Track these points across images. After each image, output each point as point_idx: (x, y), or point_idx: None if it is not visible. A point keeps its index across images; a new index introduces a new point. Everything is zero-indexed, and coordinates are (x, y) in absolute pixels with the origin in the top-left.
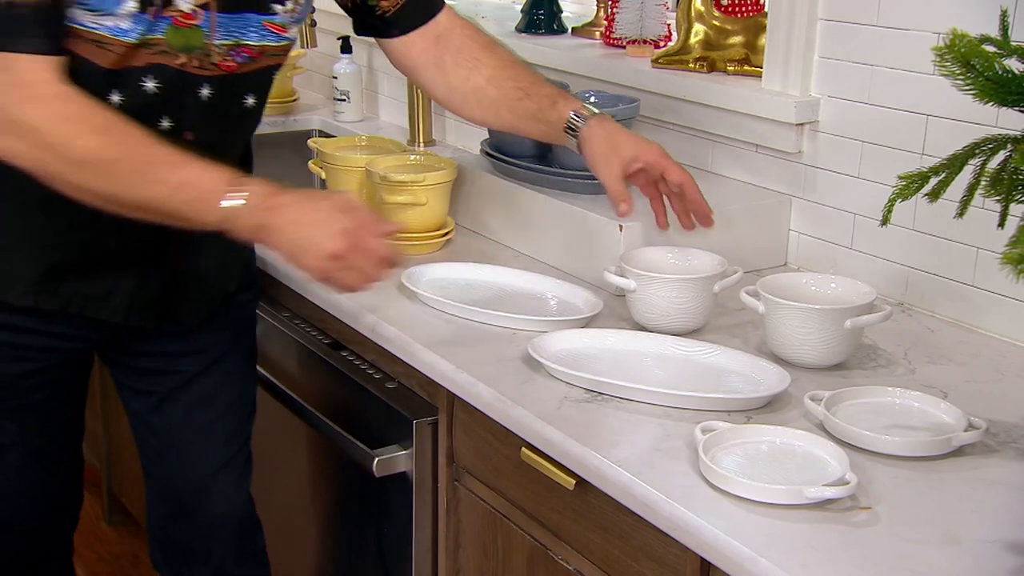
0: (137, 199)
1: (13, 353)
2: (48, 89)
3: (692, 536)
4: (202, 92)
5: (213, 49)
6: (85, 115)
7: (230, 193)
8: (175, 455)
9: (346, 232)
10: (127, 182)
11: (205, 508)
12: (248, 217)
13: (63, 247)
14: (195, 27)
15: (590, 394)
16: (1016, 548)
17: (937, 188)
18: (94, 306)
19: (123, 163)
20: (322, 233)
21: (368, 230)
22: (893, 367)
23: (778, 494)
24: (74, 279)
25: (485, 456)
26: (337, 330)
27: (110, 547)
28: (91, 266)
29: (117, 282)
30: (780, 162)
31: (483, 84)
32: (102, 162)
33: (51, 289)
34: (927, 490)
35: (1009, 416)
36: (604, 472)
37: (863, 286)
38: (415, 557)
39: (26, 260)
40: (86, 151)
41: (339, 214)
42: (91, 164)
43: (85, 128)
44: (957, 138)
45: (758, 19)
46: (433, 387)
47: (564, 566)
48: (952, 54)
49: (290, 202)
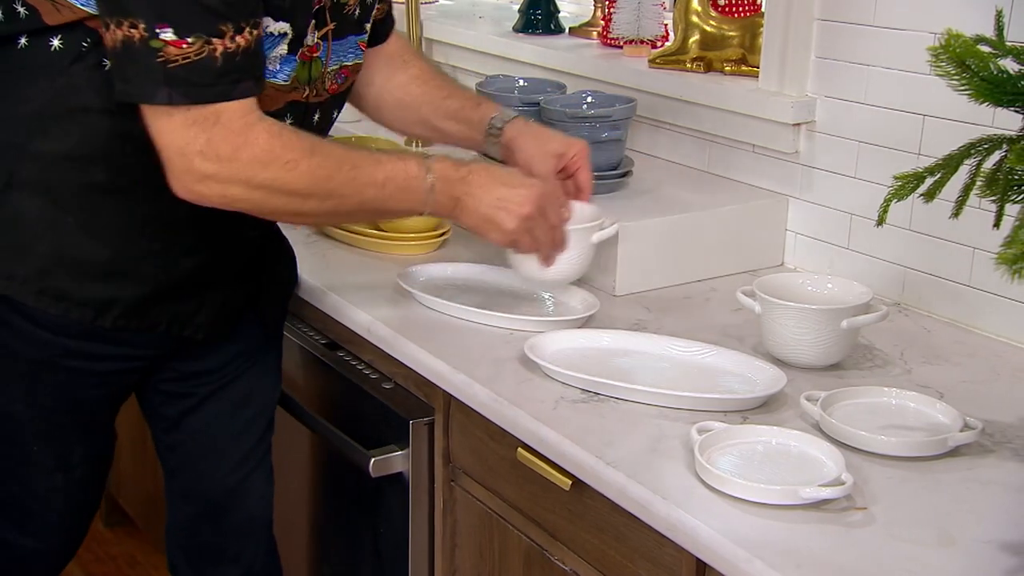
0: (353, 206)
1: (95, 380)
2: (259, 128)
3: (688, 537)
4: (315, 118)
5: (327, 76)
6: (294, 143)
7: (427, 175)
8: (214, 455)
9: (537, 194)
10: (341, 193)
11: (240, 508)
12: (445, 191)
13: (169, 273)
14: (316, 58)
15: (586, 394)
16: (1011, 548)
17: (933, 188)
18: (179, 324)
19: (335, 178)
20: (515, 194)
21: (553, 195)
22: (889, 367)
23: (773, 494)
24: (169, 301)
25: (481, 456)
26: (334, 330)
27: (107, 548)
28: (187, 286)
29: (205, 299)
30: (777, 162)
31: (407, 81)
32: (319, 182)
33: (143, 311)
34: (923, 490)
35: (1005, 416)
36: (600, 473)
37: (859, 286)
38: (411, 557)
39: (128, 287)
40: (302, 178)
41: (524, 178)
42: (310, 189)
43: (297, 155)
44: (954, 138)
45: (755, 19)
46: (429, 387)
47: (560, 567)
48: (947, 54)
49: (477, 169)
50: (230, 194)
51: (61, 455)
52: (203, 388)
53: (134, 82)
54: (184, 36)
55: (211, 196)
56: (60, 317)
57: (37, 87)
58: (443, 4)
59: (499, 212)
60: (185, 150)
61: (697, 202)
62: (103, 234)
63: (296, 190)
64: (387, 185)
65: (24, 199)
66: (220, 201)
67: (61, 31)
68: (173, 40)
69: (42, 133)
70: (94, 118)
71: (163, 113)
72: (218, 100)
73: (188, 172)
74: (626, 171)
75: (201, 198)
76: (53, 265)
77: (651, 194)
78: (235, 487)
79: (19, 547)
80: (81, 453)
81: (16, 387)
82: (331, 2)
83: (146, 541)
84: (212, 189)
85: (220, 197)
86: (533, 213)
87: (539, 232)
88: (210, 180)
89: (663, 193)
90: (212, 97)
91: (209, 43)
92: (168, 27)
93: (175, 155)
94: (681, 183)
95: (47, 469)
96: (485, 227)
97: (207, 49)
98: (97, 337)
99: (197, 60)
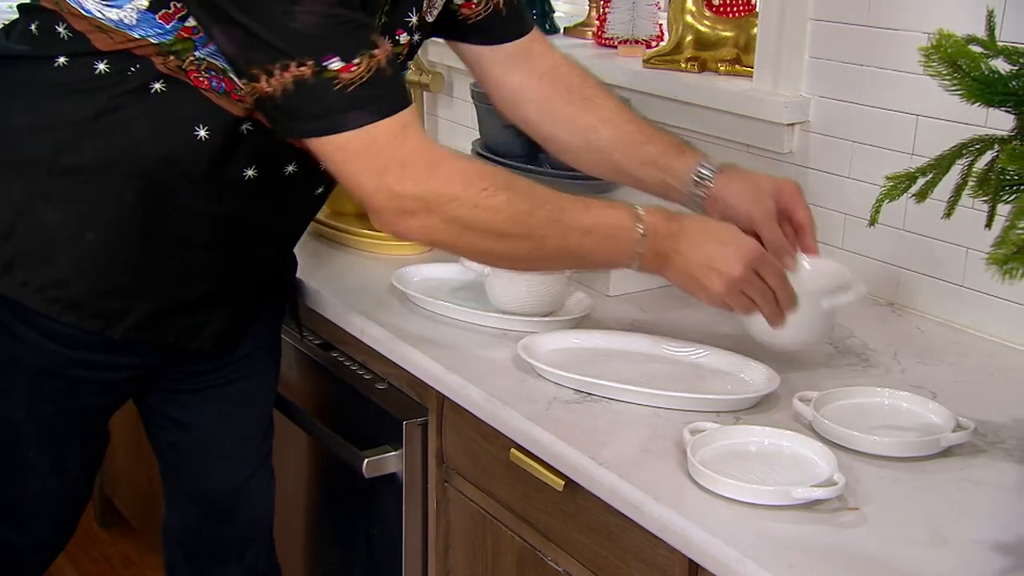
0: (552, 251)
1: (96, 389)
2: (439, 148)
3: (680, 537)
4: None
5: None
6: (487, 170)
7: (636, 226)
8: (217, 454)
9: (749, 254)
10: (542, 233)
11: (245, 508)
12: (654, 246)
13: (186, 287)
14: None
15: (579, 395)
16: (1004, 549)
17: (924, 189)
18: (187, 336)
19: (537, 215)
20: (726, 252)
21: (769, 254)
22: (883, 367)
23: (766, 495)
24: (180, 315)
25: (474, 457)
26: (327, 331)
27: (102, 548)
28: (200, 301)
29: (214, 312)
30: (771, 162)
31: (596, 123)
32: (520, 216)
33: (155, 324)
34: (915, 491)
35: (998, 416)
36: (592, 473)
37: (837, 264)
38: (405, 558)
39: (143, 301)
40: (501, 209)
41: (739, 235)
42: (508, 222)
43: (494, 181)
44: (947, 138)
45: (749, 19)
46: (423, 388)
47: (553, 567)
48: (939, 54)
49: (690, 225)
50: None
51: (57, 460)
52: (204, 386)
53: (318, 119)
54: (350, 60)
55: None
56: (70, 327)
57: (73, 103)
58: None
59: (708, 272)
60: (382, 180)
61: None
62: (124, 251)
63: (490, 223)
64: (594, 232)
65: (49, 210)
66: (422, 233)
67: (108, 56)
68: (342, 67)
69: (75, 148)
70: (133, 139)
71: (351, 149)
72: (403, 108)
73: (386, 208)
74: None
75: (405, 231)
76: (71, 277)
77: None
78: (239, 486)
79: (11, 545)
80: (77, 458)
81: (18, 394)
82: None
83: (141, 541)
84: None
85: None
86: (744, 275)
87: (753, 293)
88: (411, 215)
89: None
90: (398, 105)
91: (372, 57)
92: (334, 56)
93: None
94: None
95: (42, 473)
96: (692, 287)
97: (374, 64)
98: (103, 348)
99: (370, 77)
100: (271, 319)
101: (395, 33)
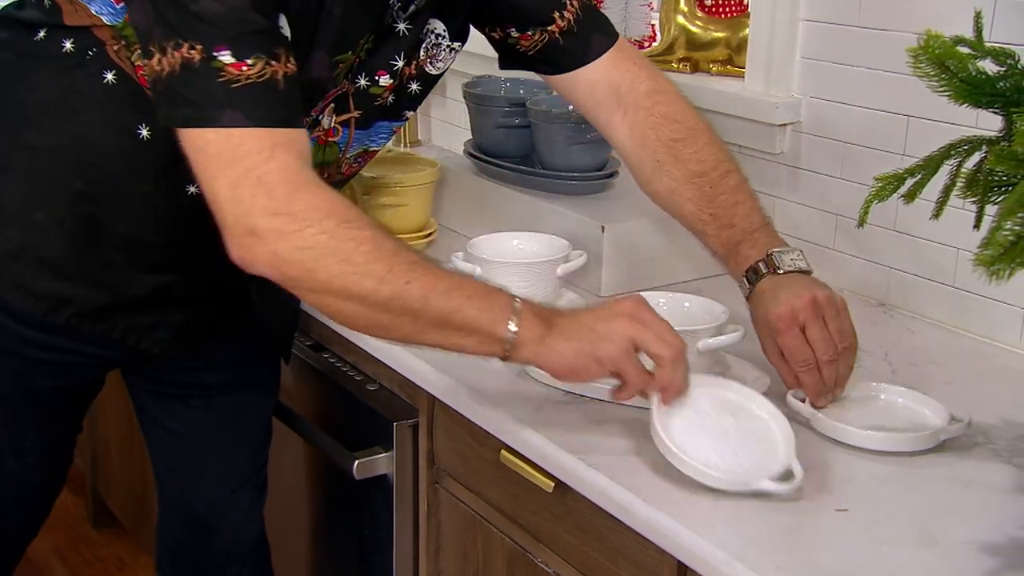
0: (415, 298)
1: (51, 370)
2: (312, 176)
3: (668, 539)
4: None
5: (344, 160)
6: (353, 207)
7: (509, 323)
8: (198, 467)
9: (632, 316)
10: (406, 275)
11: (224, 525)
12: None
13: (129, 286)
14: (333, 143)
15: (569, 396)
16: (992, 550)
17: (913, 189)
18: (135, 336)
19: (400, 256)
20: (606, 329)
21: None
22: (874, 368)
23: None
24: (126, 312)
25: (465, 459)
26: (318, 331)
27: (95, 550)
28: (147, 302)
29: (165, 316)
30: (762, 163)
31: (661, 193)
32: (383, 253)
33: (98, 317)
34: (904, 491)
35: (988, 417)
36: (582, 475)
37: (716, 306)
38: (396, 560)
39: (85, 291)
40: (364, 241)
41: (621, 307)
42: (372, 256)
43: (358, 216)
44: (938, 139)
45: (741, 20)
46: (413, 389)
47: (543, 568)
48: (926, 55)
49: (568, 316)
50: (280, 253)
51: (14, 438)
52: (193, 395)
53: (194, 106)
54: (243, 58)
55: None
56: (16, 303)
57: (42, 80)
58: None
59: (588, 356)
60: (236, 191)
61: None
62: (69, 236)
63: (350, 255)
64: (463, 288)
65: (7, 183)
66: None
67: (74, 34)
68: (233, 63)
69: (36, 125)
70: (85, 125)
71: (213, 149)
72: (282, 125)
73: (244, 216)
74: (612, 172)
75: (254, 259)
76: (18, 252)
77: (637, 194)
78: (218, 501)
79: None
80: (34, 439)
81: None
82: (356, 89)
83: (133, 543)
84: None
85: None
86: (628, 344)
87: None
88: (259, 239)
89: None
90: (277, 121)
91: (270, 65)
92: (226, 49)
93: (224, 203)
94: None
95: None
96: (573, 377)
97: (269, 71)
98: (52, 329)
99: (260, 82)
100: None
101: (376, 74)
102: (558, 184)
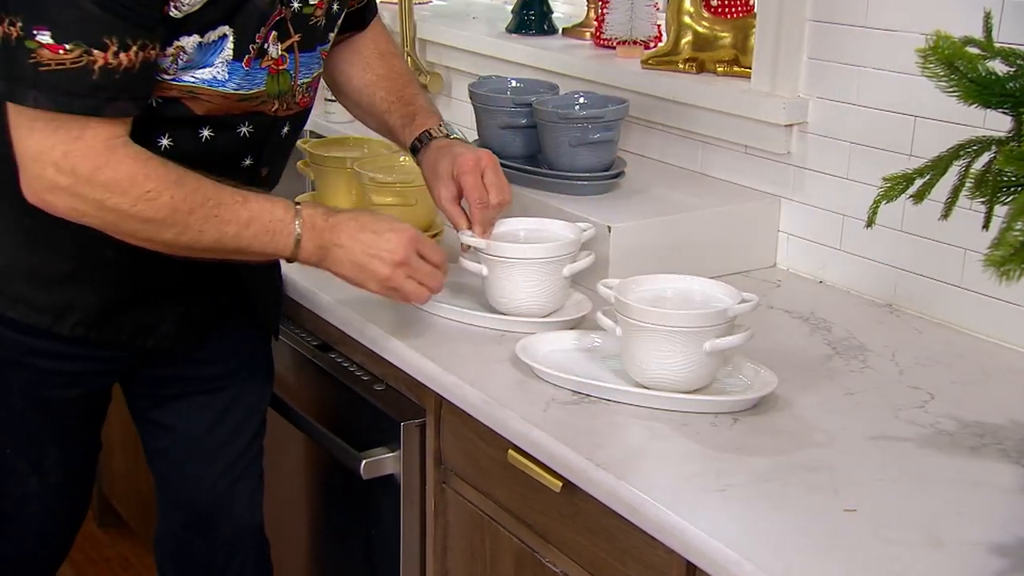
0: (211, 243)
1: (62, 380)
2: (123, 152)
3: (677, 539)
4: (283, 131)
5: (297, 89)
6: (160, 173)
7: (294, 221)
8: (200, 461)
9: (408, 238)
10: (200, 228)
11: (227, 516)
12: (313, 238)
13: (127, 281)
14: (284, 71)
15: (577, 396)
16: (1000, 550)
17: (922, 190)
18: (142, 335)
19: (196, 212)
20: (385, 241)
21: (424, 240)
22: (880, 368)
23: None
24: (128, 310)
25: (472, 458)
26: (325, 332)
27: (101, 549)
28: (146, 297)
29: (165, 310)
30: (769, 163)
31: (360, 88)
32: (178, 215)
33: (103, 321)
34: (912, 491)
35: (995, 417)
36: (590, 474)
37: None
38: (403, 560)
39: (87, 294)
40: (161, 209)
41: (396, 223)
42: (168, 220)
43: (160, 185)
44: (945, 139)
45: (747, 20)
46: (421, 389)
47: (551, 569)
48: (936, 56)
49: (346, 218)
50: (80, 209)
51: (35, 459)
52: (191, 391)
53: (5, 80)
54: (62, 42)
55: (60, 207)
56: (21, 319)
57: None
58: (436, 4)
59: (371, 260)
60: (40, 157)
61: (689, 203)
62: (58, 241)
63: (151, 219)
64: (251, 225)
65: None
66: (70, 214)
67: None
68: (49, 44)
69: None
70: None
71: (26, 116)
72: (87, 113)
73: (39, 179)
74: (618, 172)
75: (50, 207)
76: (10, 267)
77: (643, 195)
78: (221, 494)
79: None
80: (55, 457)
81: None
82: (292, 13)
83: (139, 543)
84: (62, 200)
85: (70, 210)
86: (406, 258)
87: (420, 275)
88: (61, 192)
89: (655, 194)
90: (80, 109)
91: (89, 54)
92: (46, 30)
93: (30, 160)
94: (673, 184)
95: (22, 474)
96: (359, 276)
97: (85, 59)
98: (60, 338)
99: (72, 68)
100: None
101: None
102: (564, 184)
